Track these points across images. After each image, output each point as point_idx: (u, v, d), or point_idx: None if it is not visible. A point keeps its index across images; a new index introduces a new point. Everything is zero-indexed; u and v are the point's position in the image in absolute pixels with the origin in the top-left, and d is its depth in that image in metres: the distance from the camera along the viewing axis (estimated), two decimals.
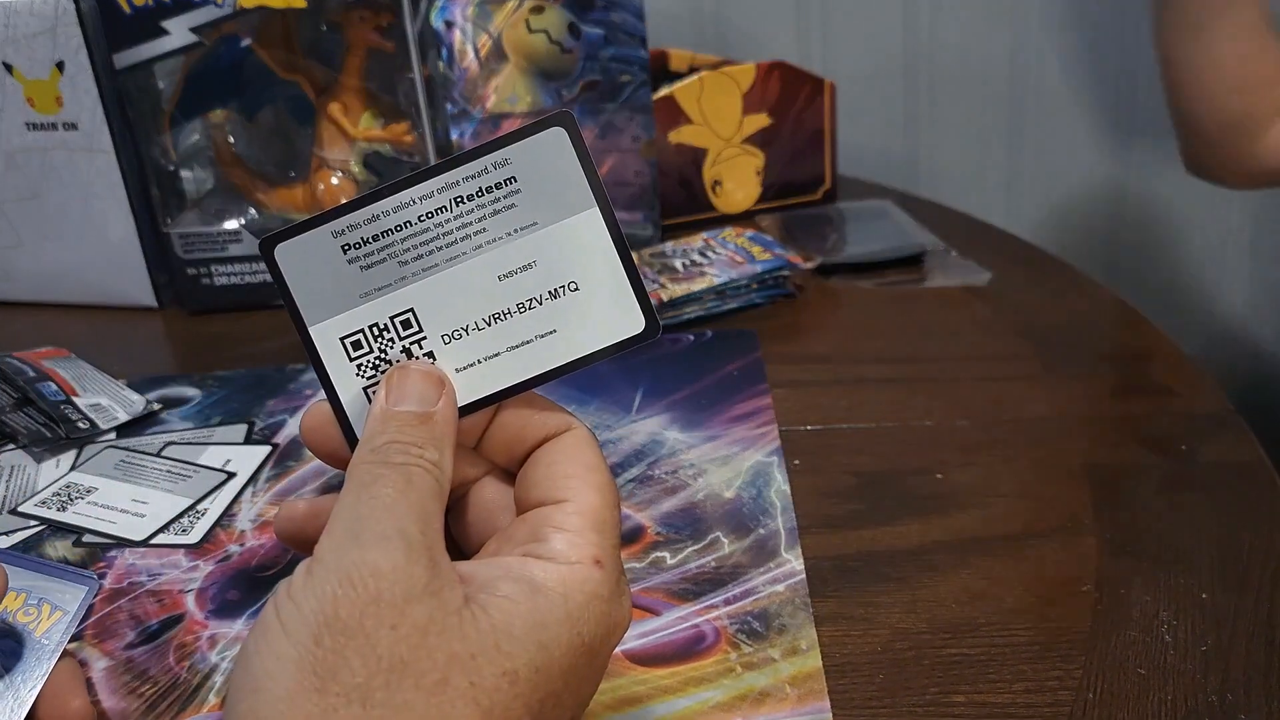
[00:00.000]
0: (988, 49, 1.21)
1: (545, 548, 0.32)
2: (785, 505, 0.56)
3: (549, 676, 0.29)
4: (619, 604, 0.32)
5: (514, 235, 0.32)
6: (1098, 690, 0.44)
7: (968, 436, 0.62)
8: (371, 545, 0.29)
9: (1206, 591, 0.49)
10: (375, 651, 0.27)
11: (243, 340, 0.80)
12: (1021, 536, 0.53)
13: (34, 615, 0.39)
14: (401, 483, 0.31)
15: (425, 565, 0.29)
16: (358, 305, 0.33)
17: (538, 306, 0.33)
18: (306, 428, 0.34)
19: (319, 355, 0.33)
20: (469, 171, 0.32)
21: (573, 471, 0.33)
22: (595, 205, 0.32)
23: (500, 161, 0.32)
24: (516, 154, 0.32)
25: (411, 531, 0.30)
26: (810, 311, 0.78)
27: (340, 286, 0.33)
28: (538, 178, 0.32)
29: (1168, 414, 0.63)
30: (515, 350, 0.33)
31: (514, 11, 0.85)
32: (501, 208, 0.32)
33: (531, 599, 0.30)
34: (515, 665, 0.29)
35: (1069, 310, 0.76)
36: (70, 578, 0.41)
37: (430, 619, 0.28)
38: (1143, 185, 1.25)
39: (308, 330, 0.33)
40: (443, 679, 0.28)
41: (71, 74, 0.79)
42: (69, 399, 0.68)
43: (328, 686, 0.27)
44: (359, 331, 0.33)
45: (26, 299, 0.89)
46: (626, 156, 0.88)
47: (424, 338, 0.33)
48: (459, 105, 0.87)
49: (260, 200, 0.86)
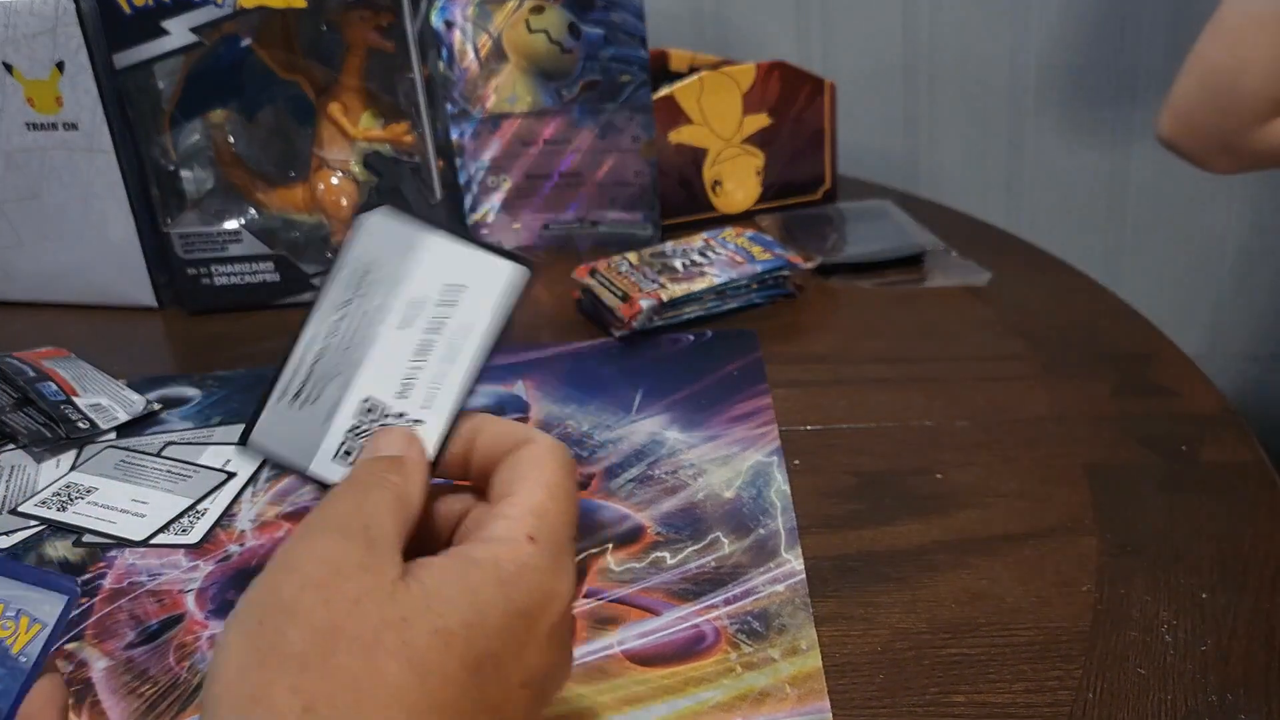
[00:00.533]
0: (987, 49, 1.21)
1: (483, 532, 0.33)
2: (785, 505, 0.56)
3: (484, 634, 0.31)
4: (556, 576, 0.33)
5: (394, 294, 0.38)
6: (1098, 690, 0.44)
7: (968, 436, 0.62)
8: (313, 537, 0.32)
9: (1206, 591, 0.49)
10: (310, 623, 0.29)
11: (242, 340, 0.80)
12: (1021, 536, 0.53)
13: (11, 629, 0.38)
14: (358, 494, 0.34)
15: (360, 546, 0.31)
16: (329, 426, 0.38)
17: (443, 320, 0.38)
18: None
19: (326, 481, 0.37)
20: (339, 284, 0.38)
21: (524, 474, 0.35)
22: (426, 232, 0.39)
23: (353, 260, 0.39)
24: (359, 249, 0.39)
25: (353, 525, 0.32)
26: (810, 311, 0.78)
27: (309, 425, 0.38)
28: (382, 252, 0.39)
29: (1168, 414, 0.63)
30: (449, 359, 0.38)
31: (514, 11, 0.85)
32: (373, 283, 0.38)
33: (463, 568, 0.32)
34: (448, 624, 0.30)
35: (1069, 310, 0.76)
36: (50, 584, 0.40)
37: (362, 589, 0.30)
38: (1142, 185, 1.25)
39: (309, 473, 0.38)
40: (374, 640, 0.29)
41: (71, 74, 0.79)
42: (69, 399, 0.68)
43: (267, 660, 0.29)
44: (342, 444, 0.37)
45: (27, 299, 0.89)
46: (626, 156, 0.88)
47: (387, 407, 0.38)
48: (459, 105, 0.87)
49: (260, 200, 0.86)
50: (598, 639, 0.48)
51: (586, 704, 0.45)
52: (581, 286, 0.79)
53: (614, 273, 0.78)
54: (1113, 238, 1.29)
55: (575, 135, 0.88)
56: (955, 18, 1.19)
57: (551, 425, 0.65)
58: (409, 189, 0.81)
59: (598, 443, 0.63)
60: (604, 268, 0.79)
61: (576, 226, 0.91)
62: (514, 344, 0.76)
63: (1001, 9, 1.19)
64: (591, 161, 0.89)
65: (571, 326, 0.78)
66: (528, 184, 0.90)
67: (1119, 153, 1.24)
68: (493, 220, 0.91)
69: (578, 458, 0.62)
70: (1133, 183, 1.25)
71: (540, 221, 0.91)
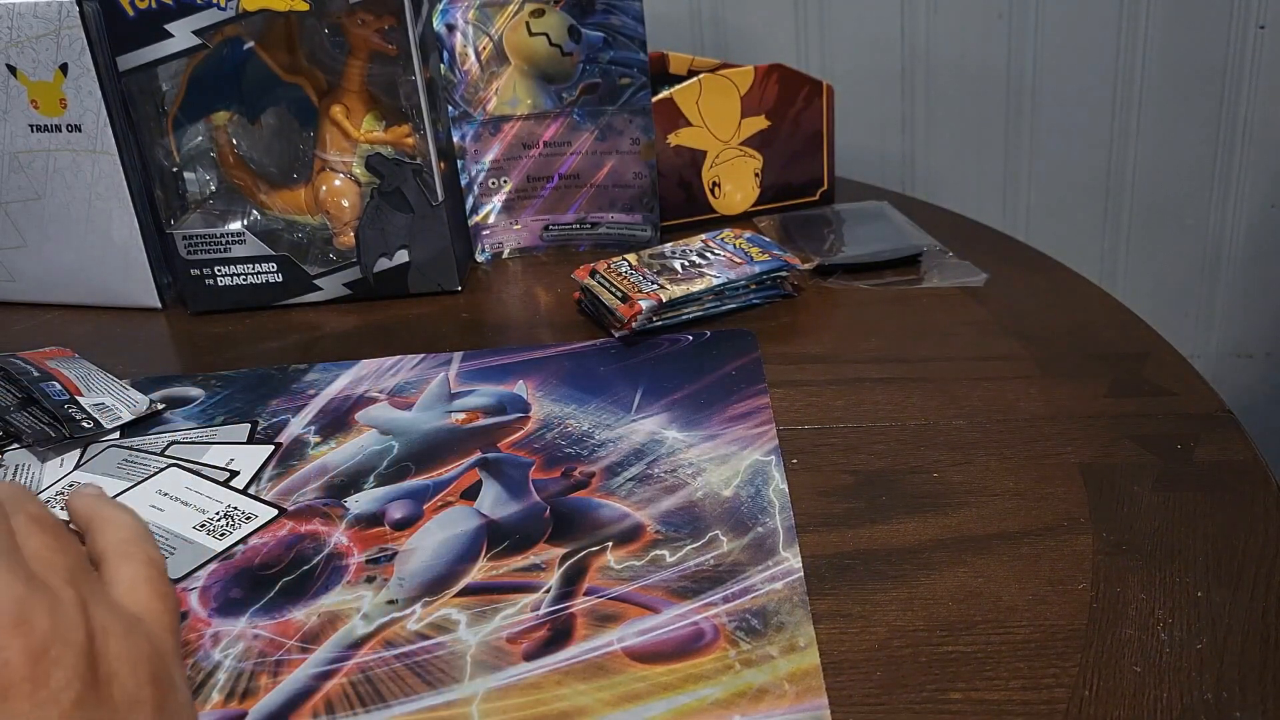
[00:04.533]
0: (984, 51, 1.21)
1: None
2: (783, 504, 0.57)
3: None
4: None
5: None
6: (1093, 687, 0.45)
7: (964, 436, 0.62)
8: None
9: (1202, 589, 0.49)
10: None
11: (246, 340, 0.81)
12: (1017, 535, 0.54)
13: None
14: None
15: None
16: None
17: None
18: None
19: None
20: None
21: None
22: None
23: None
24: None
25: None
26: (808, 312, 0.79)
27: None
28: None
29: (1163, 414, 0.63)
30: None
31: (514, 14, 0.85)
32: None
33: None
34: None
35: (1065, 310, 0.77)
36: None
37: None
38: (1138, 187, 1.26)
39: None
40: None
41: (75, 76, 0.80)
42: (73, 399, 0.68)
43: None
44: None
45: (31, 300, 0.89)
46: (626, 158, 0.88)
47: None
48: (460, 107, 0.88)
49: (263, 202, 0.86)
50: (597, 636, 0.49)
51: (587, 701, 0.45)
52: (581, 287, 0.80)
53: (614, 273, 0.78)
54: (1108, 239, 1.29)
55: (575, 137, 0.88)
56: (952, 20, 1.20)
57: (552, 424, 0.65)
58: (411, 191, 0.82)
59: (597, 442, 0.63)
60: (604, 269, 0.79)
61: (576, 228, 0.92)
62: (514, 344, 0.76)
63: (998, 11, 1.19)
64: (591, 163, 0.89)
65: (571, 326, 0.79)
66: (528, 186, 0.90)
67: (1115, 155, 1.25)
68: (493, 221, 0.91)
69: (578, 457, 0.62)
70: (1128, 184, 1.26)
71: (541, 223, 0.92)
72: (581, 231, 0.92)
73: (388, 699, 0.46)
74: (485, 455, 0.63)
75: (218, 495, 0.61)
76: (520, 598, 0.51)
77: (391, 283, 0.85)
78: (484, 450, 0.63)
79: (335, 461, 0.64)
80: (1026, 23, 1.19)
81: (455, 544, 0.56)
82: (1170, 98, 1.21)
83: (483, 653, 0.48)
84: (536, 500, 0.59)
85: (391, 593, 0.53)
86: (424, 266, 0.84)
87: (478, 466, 0.62)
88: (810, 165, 0.95)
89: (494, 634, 0.49)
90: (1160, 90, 1.21)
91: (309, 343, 0.79)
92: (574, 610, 0.50)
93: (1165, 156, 1.24)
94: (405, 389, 0.71)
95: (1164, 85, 1.21)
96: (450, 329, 0.80)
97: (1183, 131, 1.22)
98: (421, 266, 0.84)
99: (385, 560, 0.55)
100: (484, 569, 0.54)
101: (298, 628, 0.51)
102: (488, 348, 0.76)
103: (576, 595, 0.51)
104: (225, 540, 0.57)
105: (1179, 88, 1.21)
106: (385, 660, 0.48)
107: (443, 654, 0.48)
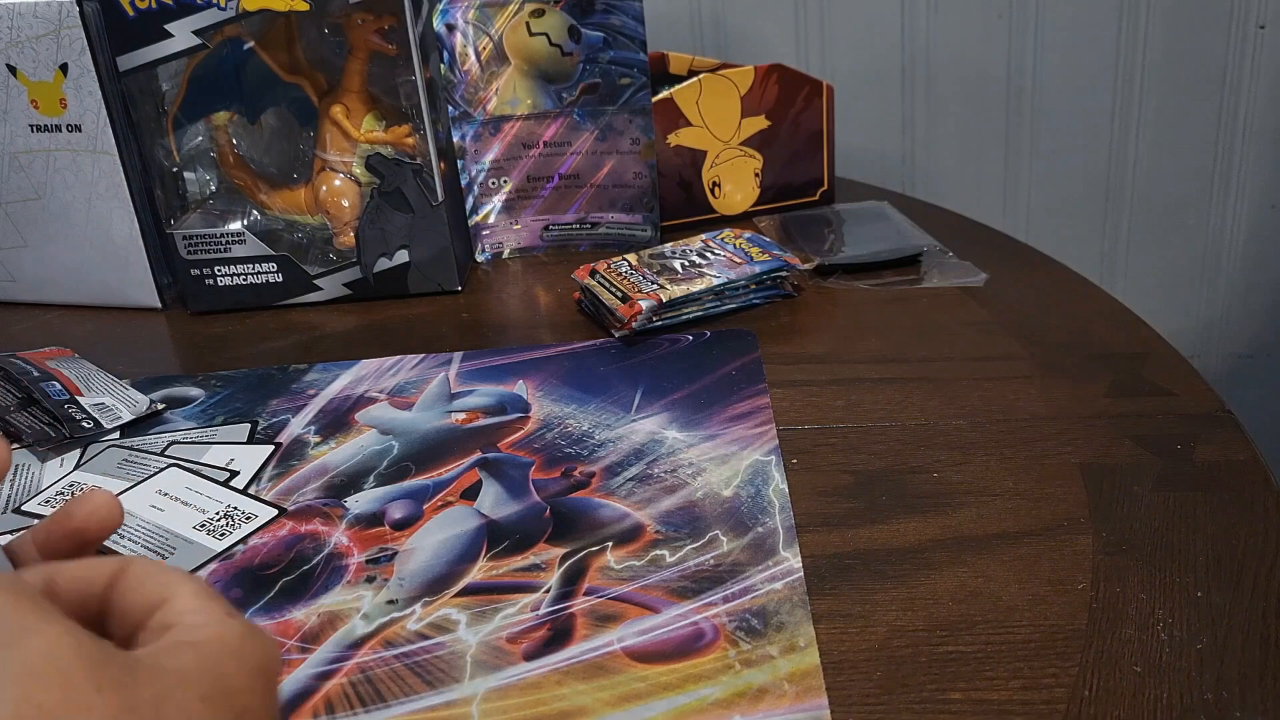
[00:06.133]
0: (984, 51, 1.21)
1: (179, 628, 0.33)
2: (783, 504, 0.57)
3: (238, 692, 0.31)
4: (267, 636, 0.34)
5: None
6: (1093, 687, 0.45)
7: (964, 436, 0.62)
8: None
9: (1201, 589, 0.49)
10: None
11: (246, 340, 0.81)
12: (1017, 535, 0.54)
13: None
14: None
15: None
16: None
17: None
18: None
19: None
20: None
21: (157, 578, 0.35)
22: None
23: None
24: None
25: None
26: (808, 312, 0.79)
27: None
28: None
29: (1163, 414, 0.63)
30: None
31: (514, 14, 0.85)
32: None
33: (191, 646, 0.31)
34: (204, 691, 0.30)
35: (1064, 310, 0.77)
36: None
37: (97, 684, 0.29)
38: (1138, 187, 1.26)
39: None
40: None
41: (75, 76, 0.80)
42: (73, 398, 0.68)
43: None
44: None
45: (31, 300, 0.89)
46: (626, 158, 0.88)
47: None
48: (460, 107, 0.88)
49: (263, 202, 0.86)
50: (597, 636, 0.49)
51: (587, 701, 0.45)
52: (582, 287, 0.80)
53: (614, 273, 0.78)
54: (1108, 239, 1.29)
55: (575, 137, 0.88)
56: (952, 20, 1.20)
57: (552, 424, 0.65)
58: (411, 191, 0.82)
59: (598, 442, 0.63)
60: (604, 269, 0.79)
61: (576, 228, 0.92)
62: (515, 344, 0.76)
63: (998, 11, 1.19)
64: (591, 163, 0.89)
65: (572, 326, 0.79)
66: (528, 186, 0.90)
67: (1115, 155, 1.25)
68: (493, 221, 0.91)
69: (578, 457, 0.62)
70: (1128, 184, 1.26)
71: (541, 223, 0.92)
72: (581, 231, 0.92)
73: (388, 699, 0.46)
74: (485, 455, 0.63)
75: (218, 495, 0.61)
76: (520, 598, 0.51)
77: (391, 283, 0.85)
78: (484, 450, 0.63)
79: (335, 461, 0.64)
80: (1026, 23, 1.19)
81: (455, 544, 0.56)
82: (1170, 98, 1.21)
83: (483, 653, 0.48)
84: (536, 500, 0.59)
85: (391, 592, 0.53)
86: (424, 266, 0.84)
87: (478, 466, 0.62)
88: (810, 165, 0.95)
89: (494, 634, 0.49)
90: (1160, 90, 1.21)
91: (309, 343, 0.79)
92: (574, 610, 0.50)
93: (1165, 157, 1.23)
94: (405, 389, 0.71)
95: (1164, 85, 1.21)
96: (450, 329, 0.80)
97: (1183, 132, 1.22)
98: (421, 266, 0.84)
99: (385, 560, 0.55)
100: (484, 569, 0.54)
101: (298, 627, 0.51)
102: (488, 348, 0.76)
103: (576, 595, 0.51)
104: (225, 540, 0.57)
105: (1179, 88, 1.20)
106: (385, 660, 0.48)
107: (443, 654, 0.49)
